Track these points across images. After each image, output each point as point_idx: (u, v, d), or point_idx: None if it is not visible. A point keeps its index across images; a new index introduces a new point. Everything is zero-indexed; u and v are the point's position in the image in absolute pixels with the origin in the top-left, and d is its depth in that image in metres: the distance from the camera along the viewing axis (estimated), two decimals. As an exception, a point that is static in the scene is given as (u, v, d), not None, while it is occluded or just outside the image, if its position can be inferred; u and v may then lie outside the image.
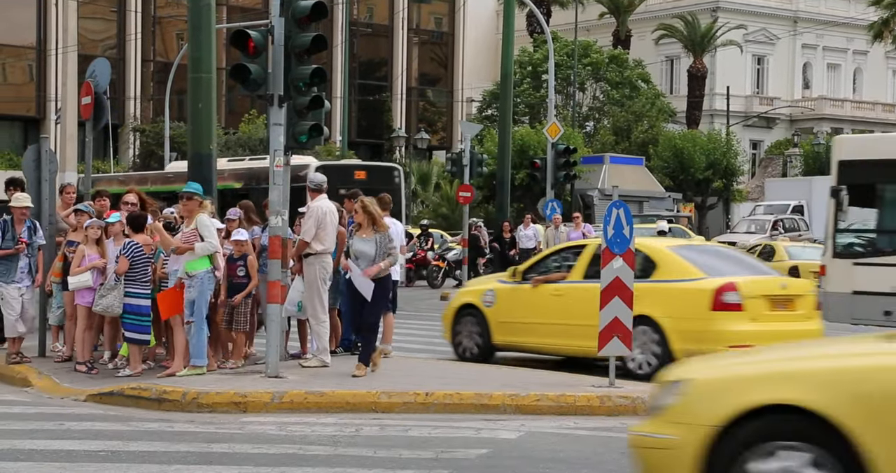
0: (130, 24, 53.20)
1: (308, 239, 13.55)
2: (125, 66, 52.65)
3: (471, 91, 61.48)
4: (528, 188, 41.91)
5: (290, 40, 12.94)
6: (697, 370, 6.73)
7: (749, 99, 69.16)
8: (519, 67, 53.58)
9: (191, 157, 15.91)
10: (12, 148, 49.93)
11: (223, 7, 52.34)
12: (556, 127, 33.61)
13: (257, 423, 10.67)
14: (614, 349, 12.13)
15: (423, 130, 51.80)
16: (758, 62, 70.72)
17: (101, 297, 13.12)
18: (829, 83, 73.03)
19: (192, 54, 15.88)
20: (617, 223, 12.05)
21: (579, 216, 30.19)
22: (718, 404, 6.19)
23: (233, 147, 45.09)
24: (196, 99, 15.67)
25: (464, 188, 32.50)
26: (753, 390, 6.18)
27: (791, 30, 70.51)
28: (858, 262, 15.87)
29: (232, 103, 54.95)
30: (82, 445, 9.47)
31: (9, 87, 51.87)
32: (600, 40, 60.76)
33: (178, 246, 12.85)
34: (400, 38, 60.61)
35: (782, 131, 69.17)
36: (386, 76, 60.68)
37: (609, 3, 61.73)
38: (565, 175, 33.32)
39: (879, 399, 5.89)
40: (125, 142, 51.45)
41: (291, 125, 13.37)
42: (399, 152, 53.20)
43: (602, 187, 45.00)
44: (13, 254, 14.01)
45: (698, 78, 61.88)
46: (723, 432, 6.12)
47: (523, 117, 55.83)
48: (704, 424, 6.17)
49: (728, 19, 64.56)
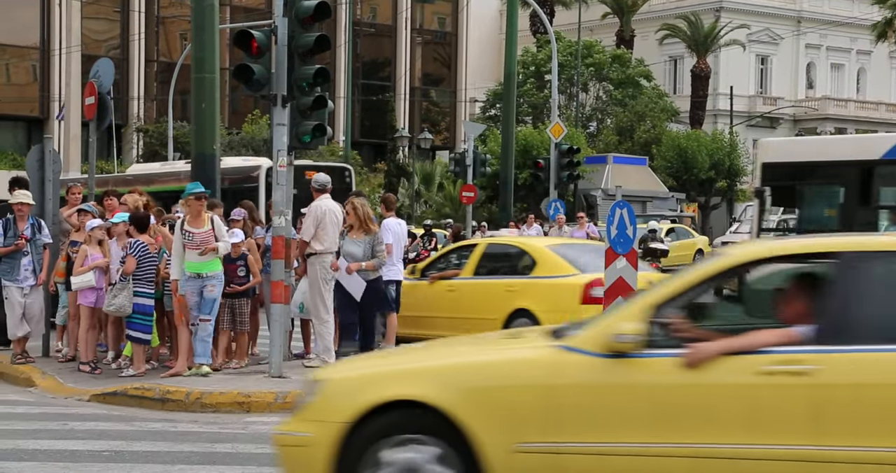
0: (134, 24, 53.22)
1: (307, 239, 13.56)
2: (129, 66, 52.67)
3: (474, 91, 61.49)
4: (532, 188, 41.90)
5: (294, 40, 12.95)
6: (337, 370, 7.26)
7: (752, 99, 69.13)
8: (522, 67, 53.57)
9: (194, 158, 15.92)
10: (16, 148, 49.96)
11: (227, 7, 52.33)
12: (560, 127, 33.62)
13: (261, 423, 10.66)
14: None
15: (427, 130, 51.75)
16: (761, 62, 70.69)
17: (114, 297, 13.12)
18: (832, 83, 72.99)
19: (195, 54, 15.89)
20: (620, 223, 12.09)
21: (584, 216, 30.20)
22: (349, 401, 6.56)
23: (236, 147, 45.07)
24: (199, 99, 15.68)
25: (467, 188, 32.52)
26: (382, 387, 6.58)
27: (794, 29, 70.47)
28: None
29: (235, 103, 54.94)
30: (86, 445, 9.49)
31: (12, 88, 51.88)
32: (604, 40, 60.74)
33: (206, 248, 12.84)
34: (403, 38, 60.60)
35: (786, 131, 69.10)
36: (389, 76, 60.68)
37: (612, 4, 61.70)
38: (568, 175, 33.31)
39: (485, 392, 6.40)
40: (129, 142, 51.46)
41: (295, 125, 13.39)
42: (402, 152, 53.19)
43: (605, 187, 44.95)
44: (15, 251, 14.02)
45: (702, 78, 61.86)
46: (353, 427, 6.48)
47: (527, 117, 55.82)
48: (336, 421, 6.53)
49: (731, 19, 64.52)
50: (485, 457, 6.33)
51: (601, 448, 6.24)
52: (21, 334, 14.23)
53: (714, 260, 6.67)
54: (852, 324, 6.14)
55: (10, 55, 51.80)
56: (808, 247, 6.75)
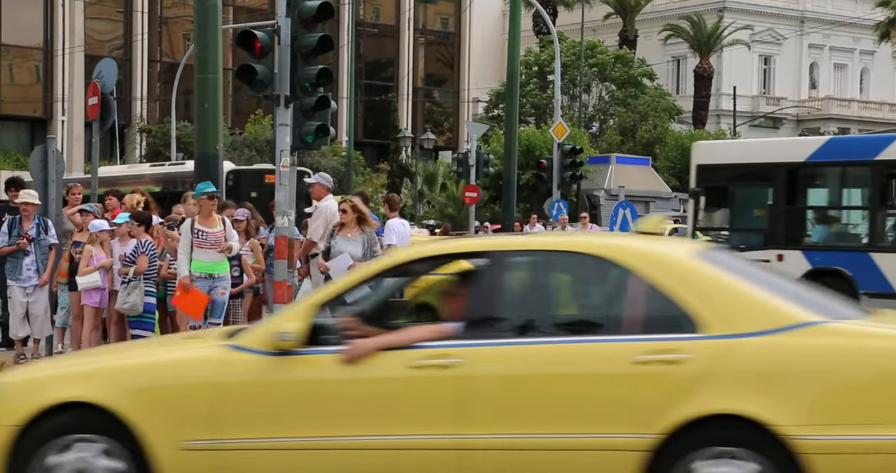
0: (137, 24, 53.23)
1: (316, 239, 13.54)
2: (132, 66, 52.68)
3: (477, 91, 61.48)
4: (535, 188, 41.89)
5: (297, 41, 12.95)
6: (16, 374, 7.36)
7: (756, 99, 69.11)
8: (525, 68, 53.56)
9: (197, 158, 15.92)
10: (19, 148, 49.97)
11: (230, 7, 52.36)
12: (563, 127, 33.62)
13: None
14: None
15: (430, 130, 51.75)
16: (764, 62, 70.67)
17: (128, 295, 13.12)
18: (835, 83, 72.96)
19: (198, 55, 15.89)
20: (623, 223, 12.10)
21: (586, 216, 30.16)
22: (20, 404, 6.64)
23: (239, 147, 45.10)
24: (202, 99, 15.68)
25: (470, 188, 32.50)
26: (53, 389, 6.68)
27: (798, 30, 70.44)
28: None
29: (238, 103, 54.95)
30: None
31: (15, 88, 51.89)
32: (607, 41, 60.71)
33: (224, 246, 12.82)
34: (406, 38, 60.60)
35: (789, 131, 69.06)
36: (392, 76, 60.68)
37: (615, 4, 61.69)
38: (571, 175, 33.30)
39: (153, 392, 6.59)
40: (132, 142, 51.48)
41: (298, 125, 13.40)
42: (405, 152, 53.21)
43: (608, 187, 44.95)
44: (18, 251, 14.01)
45: (705, 78, 61.84)
46: (24, 430, 6.57)
47: (530, 117, 55.81)
48: (6, 424, 6.60)
49: (734, 19, 64.49)
50: (154, 456, 6.48)
51: (264, 443, 6.42)
52: (22, 334, 14.21)
53: (377, 262, 7.14)
54: (495, 319, 6.50)
55: (13, 55, 51.82)
56: (463, 247, 7.07)
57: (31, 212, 14.11)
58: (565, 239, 8.56)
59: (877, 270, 18.09)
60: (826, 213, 19.73)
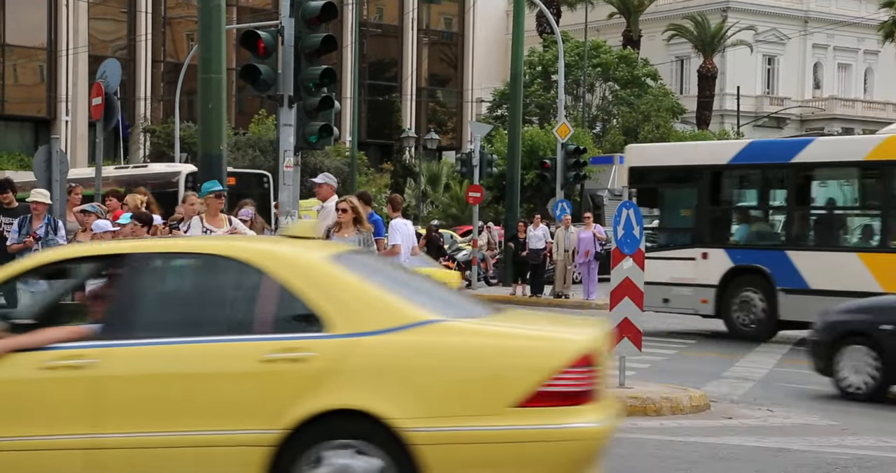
0: (140, 24, 53.28)
1: (323, 239, 13.55)
2: (135, 66, 52.73)
3: (481, 91, 61.46)
4: (538, 188, 41.87)
5: (301, 41, 12.97)
6: None
7: (759, 99, 69.08)
8: (529, 68, 53.57)
9: (201, 158, 15.96)
10: (23, 148, 50.01)
11: (233, 8, 52.38)
12: (566, 127, 33.61)
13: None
14: (625, 349, 12.14)
15: (433, 130, 51.76)
16: (768, 62, 70.64)
17: None
18: (839, 83, 72.91)
19: (202, 55, 15.91)
20: (627, 223, 12.07)
21: (590, 216, 30.19)
22: None
23: (242, 147, 45.14)
24: (206, 99, 15.70)
25: (473, 188, 32.52)
26: None
27: (801, 30, 70.41)
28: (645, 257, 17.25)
29: (242, 104, 54.97)
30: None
31: (19, 88, 51.96)
32: (610, 41, 60.71)
33: None
34: (410, 38, 60.62)
35: (793, 131, 69.00)
36: (396, 76, 60.70)
37: (619, 4, 61.70)
38: (575, 175, 33.31)
39: None
40: (135, 142, 51.51)
41: (301, 125, 13.42)
42: (409, 152, 53.20)
43: (612, 187, 44.91)
44: (25, 249, 14.04)
45: (708, 78, 61.82)
46: None
47: (533, 117, 55.80)
48: None
49: (738, 19, 64.48)
50: None
51: None
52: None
53: (18, 262, 7.25)
54: (132, 320, 6.64)
55: (17, 56, 51.88)
56: (104, 250, 7.25)
57: (41, 212, 14.16)
58: (204, 242, 8.53)
59: (793, 268, 18.93)
60: (747, 213, 20.62)
